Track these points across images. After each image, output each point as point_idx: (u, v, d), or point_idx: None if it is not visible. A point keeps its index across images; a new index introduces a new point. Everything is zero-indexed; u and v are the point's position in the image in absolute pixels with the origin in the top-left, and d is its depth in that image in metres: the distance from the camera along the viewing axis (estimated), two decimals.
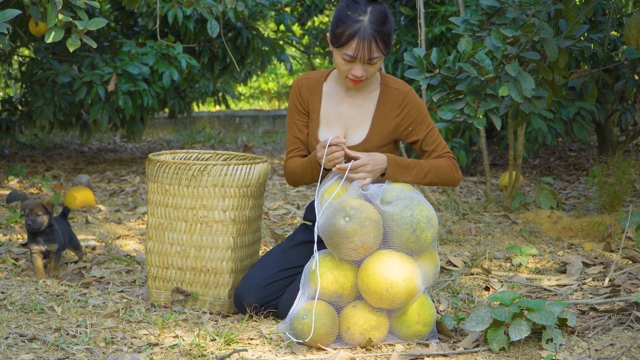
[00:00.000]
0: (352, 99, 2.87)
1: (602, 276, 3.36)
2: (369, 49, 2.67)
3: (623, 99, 5.89)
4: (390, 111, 2.84)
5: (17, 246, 3.81)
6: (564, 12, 3.63)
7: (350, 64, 2.72)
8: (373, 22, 2.66)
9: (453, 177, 2.85)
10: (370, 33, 2.66)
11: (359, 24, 2.66)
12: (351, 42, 2.67)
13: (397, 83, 2.88)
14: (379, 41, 2.67)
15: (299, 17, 9.19)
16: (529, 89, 3.21)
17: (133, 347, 2.54)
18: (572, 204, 4.99)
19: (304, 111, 2.92)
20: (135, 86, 6.12)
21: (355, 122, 2.86)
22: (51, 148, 7.99)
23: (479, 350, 2.52)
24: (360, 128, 2.86)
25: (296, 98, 2.93)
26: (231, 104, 12.71)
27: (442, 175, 2.83)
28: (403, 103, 2.84)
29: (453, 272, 3.47)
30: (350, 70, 2.73)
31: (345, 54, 2.70)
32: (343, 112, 2.87)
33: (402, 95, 2.84)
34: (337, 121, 2.87)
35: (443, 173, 2.83)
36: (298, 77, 2.96)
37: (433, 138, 2.87)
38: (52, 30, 3.18)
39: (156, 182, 2.97)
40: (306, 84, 2.92)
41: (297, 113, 2.93)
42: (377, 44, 2.67)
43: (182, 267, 2.96)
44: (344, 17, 2.69)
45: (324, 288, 2.58)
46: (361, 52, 2.67)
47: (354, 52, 2.68)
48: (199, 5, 4.17)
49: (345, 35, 2.67)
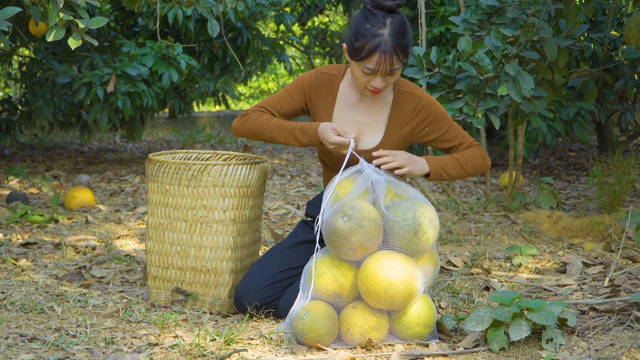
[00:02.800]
0: (366, 105, 2.85)
1: (602, 276, 3.36)
2: (391, 62, 2.64)
3: (623, 98, 5.89)
4: (404, 116, 2.83)
5: (17, 246, 3.81)
6: (564, 12, 3.63)
7: (369, 76, 2.70)
8: (393, 35, 2.63)
9: (485, 164, 2.88)
10: (391, 47, 2.63)
11: (379, 38, 2.63)
12: (372, 56, 2.64)
13: (409, 87, 2.86)
14: (399, 53, 2.65)
15: (299, 17, 9.19)
16: (528, 89, 3.21)
17: (133, 347, 2.54)
18: (572, 204, 4.99)
19: (305, 99, 2.87)
20: (135, 87, 6.12)
21: (368, 128, 2.85)
22: (51, 148, 7.99)
23: (479, 350, 2.52)
24: (373, 134, 2.84)
25: (308, 84, 2.86)
26: (231, 104, 12.71)
27: (477, 165, 2.85)
28: (418, 107, 2.83)
29: (453, 272, 3.47)
30: (369, 81, 2.71)
31: (366, 67, 2.67)
32: (356, 118, 2.85)
33: (416, 100, 2.83)
34: (350, 126, 2.84)
35: (477, 163, 2.85)
36: (319, 70, 2.89)
37: (456, 132, 2.86)
38: (53, 29, 3.18)
39: (156, 182, 2.97)
40: (326, 80, 2.87)
41: (298, 92, 2.87)
42: (397, 56, 2.65)
43: (182, 267, 2.96)
44: (363, 31, 2.64)
45: (323, 288, 2.58)
46: (382, 65, 2.64)
47: (376, 66, 2.65)
48: (199, 5, 4.17)
49: (366, 50, 2.64)
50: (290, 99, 2.87)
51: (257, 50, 7.32)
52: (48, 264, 3.54)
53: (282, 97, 2.87)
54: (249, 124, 2.84)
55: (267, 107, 2.87)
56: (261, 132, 2.82)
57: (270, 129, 2.80)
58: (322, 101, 2.86)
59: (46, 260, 3.62)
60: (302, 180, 6.16)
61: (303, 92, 2.87)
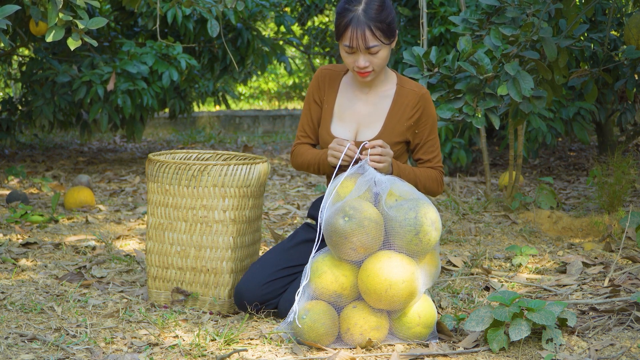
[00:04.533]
0: (367, 97, 2.90)
1: (602, 276, 3.36)
2: (363, 37, 2.70)
3: (623, 98, 5.89)
4: (404, 111, 2.86)
5: (17, 246, 3.81)
6: (563, 12, 3.63)
7: (352, 55, 2.76)
8: (366, 11, 2.70)
9: (437, 191, 2.94)
10: (364, 21, 2.69)
11: (353, 14, 2.71)
12: (346, 32, 2.72)
13: (412, 84, 2.90)
14: (373, 29, 2.70)
15: (299, 17, 9.19)
16: (528, 89, 3.21)
17: (133, 347, 2.54)
18: (572, 204, 4.99)
19: (318, 102, 2.95)
20: (135, 85, 6.12)
21: (368, 120, 2.88)
22: (51, 148, 7.99)
23: (479, 350, 2.52)
24: (373, 125, 2.87)
25: (315, 88, 2.96)
26: (231, 104, 12.71)
27: (429, 188, 2.90)
28: (418, 105, 2.86)
29: (453, 272, 3.47)
30: (354, 62, 2.76)
31: (344, 45, 2.75)
32: (357, 109, 2.90)
33: (417, 97, 2.86)
34: (350, 117, 2.89)
35: (430, 185, 2.90)
36: (321, 67, 3.00)
37: (433, 148, 2.91)
38: (52, 29, 3.18)
39: (156, 182, 2.97)
40: (328, 75, 2.96)
41: (313, 102, 2.97)
42: (372, 32, 2.70)
43: (182, 267, 2.96)
44: (341, 10, 2.74)
45: (324, 288, 2.58)
46: (355, 41, 2.71)
47: (350, 41, 2.72)
48: (198, 5, 4.17)
49: (342, 26, 2.73)
50: (310, 113, 2.97)
51: (257, 50, 7.32)
52: (48, 264, 3.54)
53: (304, 117, 2.99)
54: (295, 162, 3.00)
55: (300, 134, 2.99)
56: (305, 167, 2.96)
57: (306, 163, 2.94)
58: (326, 95, 2.94)
59: (46, 260, 3.62)
60: (302, 180, 6.16)
61: (315, 100, 2.96)
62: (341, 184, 2.65)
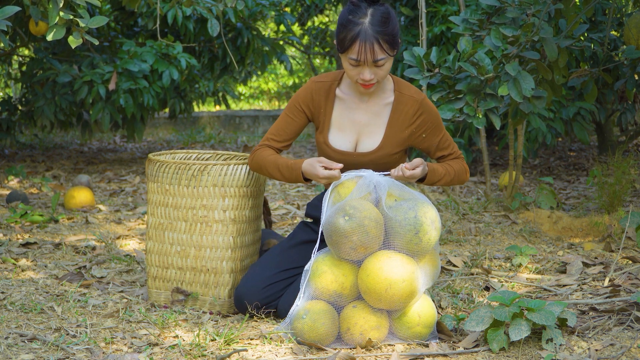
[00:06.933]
0: (366, 105, 2.86)
1: (602, 276, 3.36)
2: (372, 50, 2.65)
3: (623, 98, 5.89)
4: (405, 119, 2.84)
5: (17, 246, 3.81)
6: (563, 12, 3.63)
7: (357, 68, 2.71)
8: (374, 24, 2.65)
9: (466, 178, 2.96)
10: (372, 34, 2.64)
11: (360, 27, 2.65)
12: (353, 45, 2.66)
13: (410, 90, 2.87)
14: (381, 42, 2.66)
15: (299, 17, 9.19)
16: (529, 89, 3.21)
17: (133, 347, 2.54)
18: (572, 204, 4.99)
19: (307, 113, 2.90)
20: (136, 84, 6.12)
21: (368, 129, 2.85)
22: (51, 148, 8.00)
23: (479, 350, 2.52)
24: (373, 135, 2.85)
25: (307, 99, 2.89)
26: (231, 104, 12.72)
27: (461, 179, 2.93)
28: (418, 112, 2.84)
29: (453, 272, 3.47)
30: (359, 74, 2.72)
31: (350, 58, 2.69)
32: (357, 119, 2.86)
33: (417, 104, 2.84)
34: (350, 127, 2.86)
35: (461, 177, 2.93)
36: (312, 80, 2.93)
37: (447, 142, 2.91)
38: (53, 28, 3.19)
39: (156, 182, 2.97)
40: (321, 88, 2.89)
41: (300, 111, 2.90)
42: (380, 45, 2.66)
43: (182, 267, 2.96)
44: (346, 22, 2.68)
45: (324, 287, 2.58)
46: (364, 54, 2.66)
47: (357, 55, 2.66)
48: (198, 4, 4.17)
49: (348, 40, 2.66)
50: (291, 121, 2.91)
51: (258, 50, 7.32)
52: (48, 264, 3.54)
53: (284, 123, 2.92)
54: (255, 162, 2.90)
55: (272, 137, 2.92)
56: (264, 169, 2.87)
57: (269, 169, 2.85)
58: (321, 109, 2.89)
59: (46, 260, 3.62)
60: None
61: (302, 109, 2.90)
62: (342, 183, 2.66)
